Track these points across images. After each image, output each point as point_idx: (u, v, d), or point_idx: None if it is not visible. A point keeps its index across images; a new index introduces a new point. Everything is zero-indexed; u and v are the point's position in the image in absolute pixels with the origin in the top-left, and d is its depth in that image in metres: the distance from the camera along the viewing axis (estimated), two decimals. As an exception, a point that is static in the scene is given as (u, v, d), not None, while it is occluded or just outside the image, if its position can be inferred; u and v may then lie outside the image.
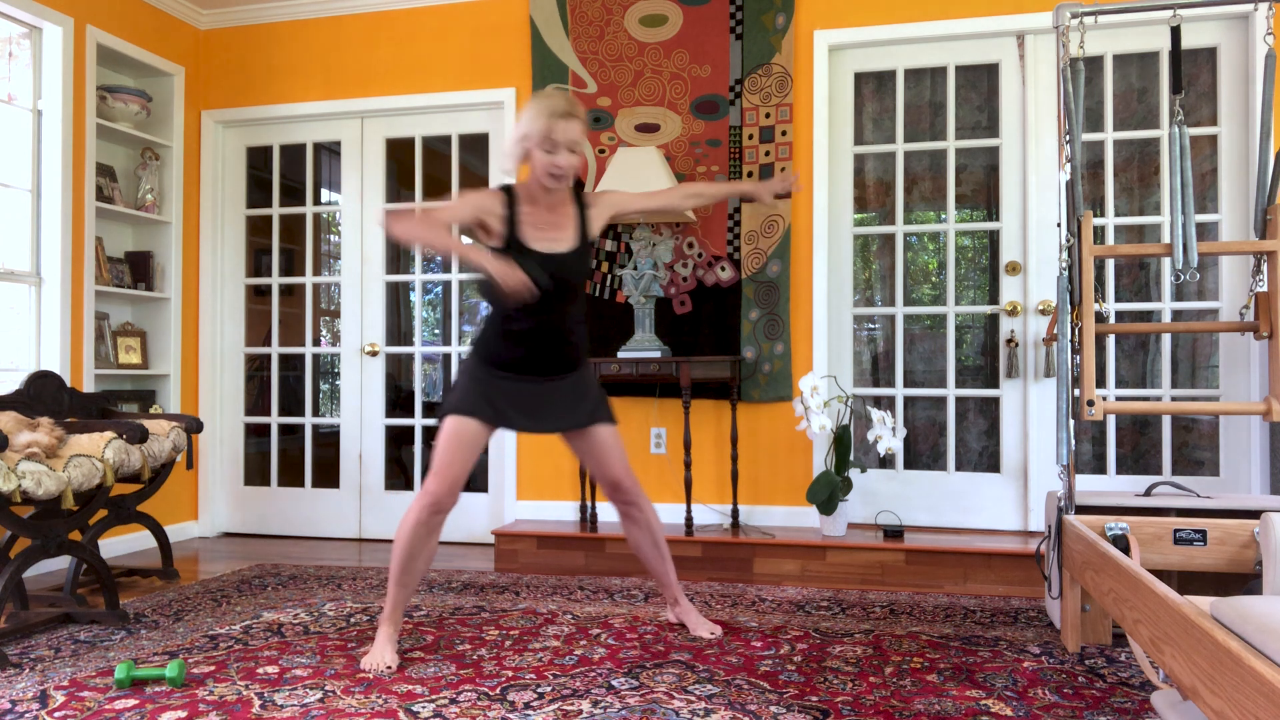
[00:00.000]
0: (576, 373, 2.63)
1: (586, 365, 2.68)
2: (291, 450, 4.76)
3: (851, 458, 3.73)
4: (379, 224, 2.37)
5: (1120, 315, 3.81)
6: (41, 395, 3.27)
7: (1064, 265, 2.67)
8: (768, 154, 3.99)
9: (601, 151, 4.17)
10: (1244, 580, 2.74)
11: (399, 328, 4.84)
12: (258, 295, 4.82)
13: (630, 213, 2.72)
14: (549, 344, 2.53)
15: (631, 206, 2.70)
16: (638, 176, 3.70)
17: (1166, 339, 3.73)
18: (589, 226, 2.59)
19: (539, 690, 2.27)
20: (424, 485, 2.47)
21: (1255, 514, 2.68)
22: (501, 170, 2.61)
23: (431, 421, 4.53)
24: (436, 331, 5.01)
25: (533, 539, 3.85)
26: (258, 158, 4.80)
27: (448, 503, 2.46)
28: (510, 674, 2.40)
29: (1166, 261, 3.76)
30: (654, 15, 4.11)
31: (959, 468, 3.95)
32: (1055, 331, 2.71)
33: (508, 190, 2.51)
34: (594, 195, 2.66)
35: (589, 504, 3.98)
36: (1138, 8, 2.71)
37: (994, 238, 3.92)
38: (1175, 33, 2.67)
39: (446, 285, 4.67)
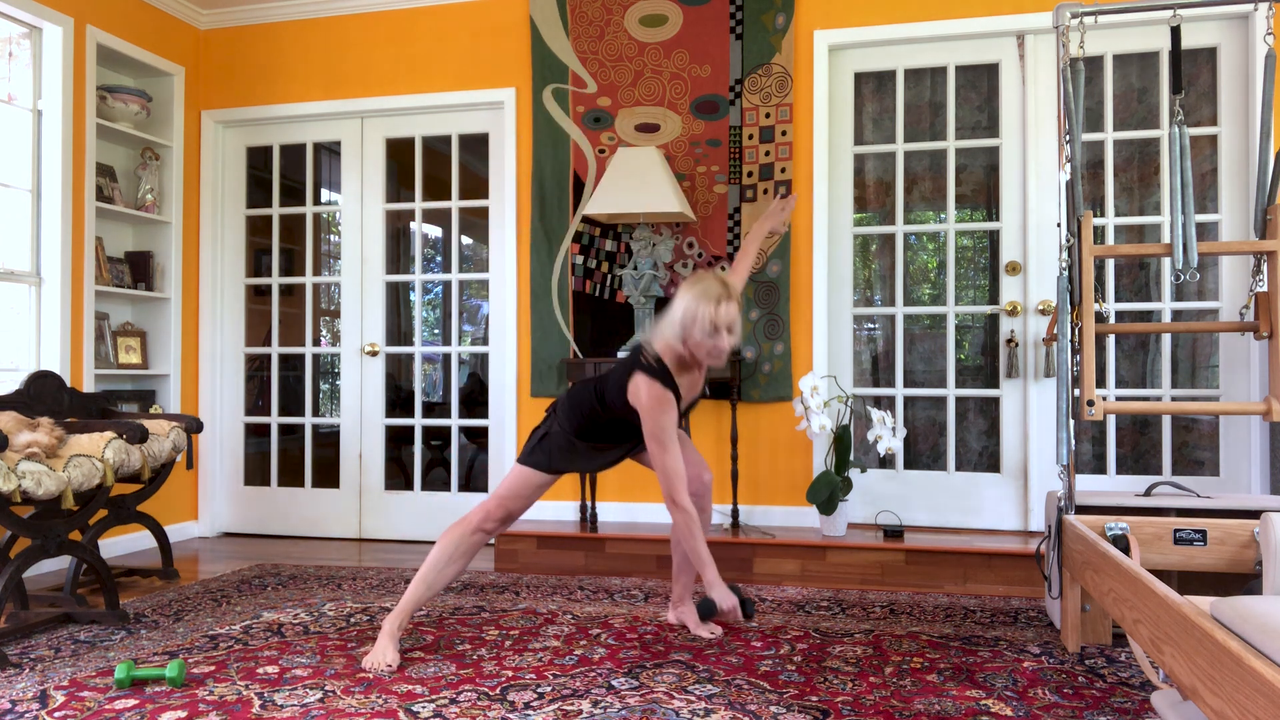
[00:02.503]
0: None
1: None
2: (291, 450, 4.76)
3: (851, 458, 3.73)
4: (674, 508, 2.57)
5: (1120, 315, 3.80)
6: (41, 395, 3.27)
7: (1064, 265, 2.67)
8: (768, 154, 3.99)
9: (601, 151, 4.17)
10: (1244, 580, 2.74)
11: (399, 328, 4.84)
12: (258, 295, 4.82)
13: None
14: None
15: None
16: (638, 176, 3.70)
17: (1166, 339, 3.73)
18: None
19: (539, 690, 2.27)
20: (484, 503, 2.65)
21: (1255, 514, 2.68)
22: (663, 341, 2.56)
23: (431, 422, 4.53)
24: (436, 331, 5.01)
25: (533, 539, 3.85)
26: (258, 158, 4.80)
27: (496, 528, 2.65)
28: (510, 674, 2.40)
29: (1166, 261, 3.76)
30: (654, 15, 4.11)
31: (959, 468, 3.95)
32: (1055, 331, 2.71)
33: (667, 378, 2.51)
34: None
35: (589, 504, 3.98)
36: (1138, 8, 2.71)
37: (994, 238, 3.92)
38: (1175, 33, 2.67)
39: (446, 285, 4.67)
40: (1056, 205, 3.79)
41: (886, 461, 4.00)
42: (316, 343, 4.76)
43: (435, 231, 5.11)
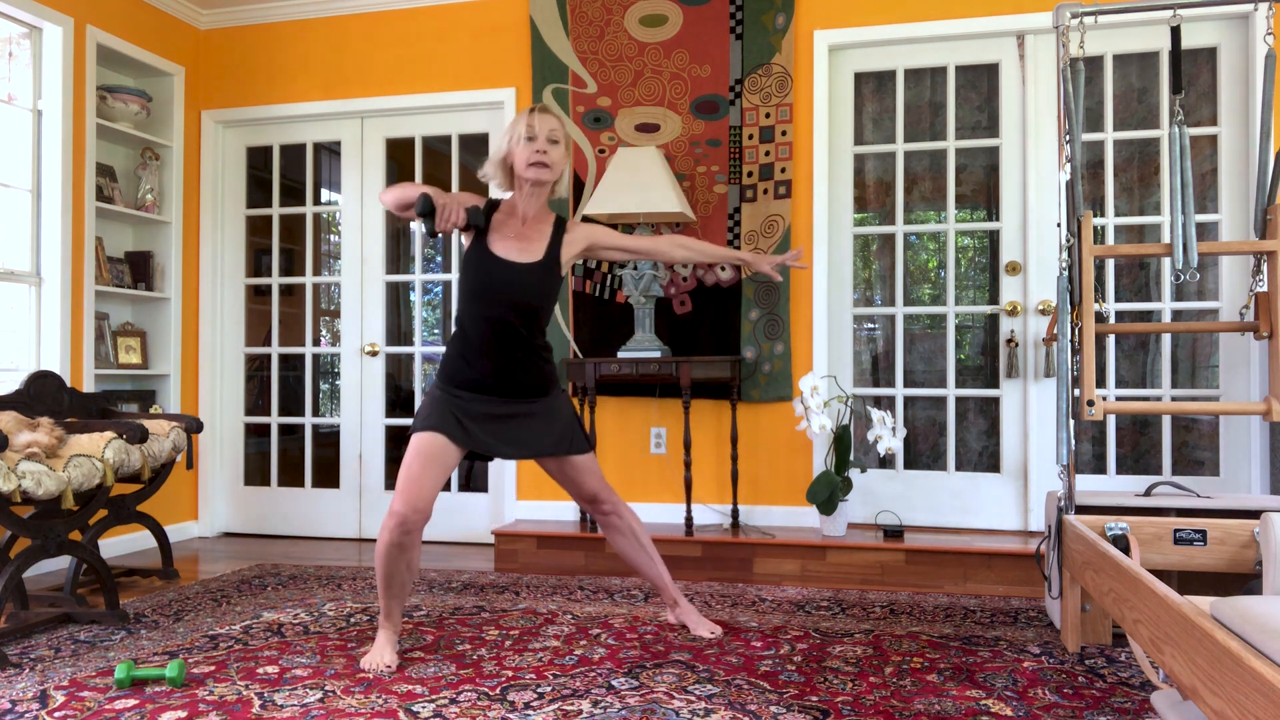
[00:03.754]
0: (546, 399, 2.61)
1: (559, 394, 2.66)
2: (291, 450, 4.76)
3: (851, 458, 3.73)
4: (381, 194, 2.46)
5: (1120, 315, 3.81)
6: (41, 395, 3.27)
7: (1064, 265, 2.67)
8: (768, 154, 3.99)
9: (601, 151, 4.17)
10: (1244, 580, 2.74)
11: (399, 328, 4.84)
12: (258, 295, 4.82)
13: (608, 248, 2.68)
14: (509, 361, 2.51)
15: (610, 243, 2.68)
16: (638, 176, 3.70)
17: (1166, 339, 3.73)
18: (560, 249, 2.58)
19: (539, 690, 2.27)
20: (390, 505, 2.43)
21: (1255, 514, 2.68)
22: (481, 176, 2.63)
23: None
24: (436, 331, 5.00)
25: (533, 539, 3.85)
26: (258, 158, 4.80)
27: (416, 520, 2.41)
28: (510, 674, 2.40)
29: (1166, 261, 3.76)
30: (654, 15, 4.11)
31: (959, 468, 3.95)
32: (1055, 331, 2.71)
33: (492, 200, 2.59)
34: (575, 224, 2.68)
35: (589, 504, 3.98)
36: (1138, 8, 2.71)
37: (994, 238, 3.92)
38: (1175, 33, 2.67)
39: (446, 285, 4.67)
40: (1056, 205, 3.79)
41: (886, 461, 4.00)
42: (316, 343, 4.76)
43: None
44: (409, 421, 4.54)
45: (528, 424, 2.57)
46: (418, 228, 4.65)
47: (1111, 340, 3.78)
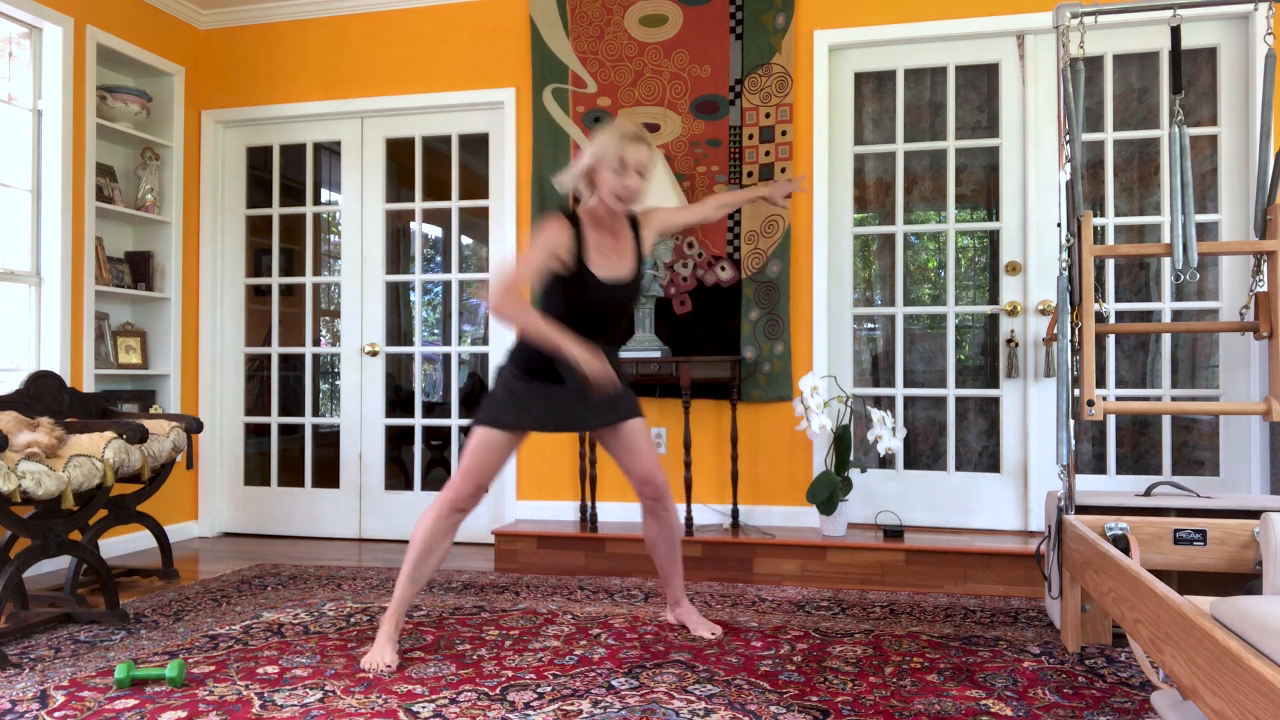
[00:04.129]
0: (615, 369, 2.68)
1: (620, 363, 2.74)
2: (291, 450, 4.76)
3: (851, 458, 3.73)
4: (489, 306, 2.40)
5: (1120, 315, 3.81)
6: (41, 395, 3.27)
7: (1064, 265, 2.67)
8: (768, 154, 3.99)
9: (601, 151, 4.17)
10: (1244, 580, 2.74)
11: (399, 328, 4.84)
12: (258, 295, 4.82)
13: (673, 228, 2.77)
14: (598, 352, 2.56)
15: (675, 222, 2.76)
16: (638, 176, 3.69)
17: (1166, 339, 3.73)
18: (643, 249, 2.65)
19: (539, 690, 2.27)
20: (450, 482, 2.53)
21: (1255, 514, 2.68)
22: (559, 186, 2.62)
23: (431, 422, 4.53)
24: (436, 331, 5.00)
25: (533, 539, 3.85)
26: (258, 158, 4.80)
27: (469, 504, 2.53)
28: (510, 674, 2.40)
29: (1166, 261, 3.76)
30: (654, 15, 4.11)
31: (959, 468, 3.95)
32: (1055, 331, 2.71)
33: (572, 218, 2.51)
34: (645, 216, 2.70)
35: (589, 504, 3.98)
36: (1138, 8, 2.71)
37: (994, 238, 3.92)
38: (1175, 33, 2.67)
39: (446, 285, 4.67)
40: (1056, 205, 3.79)
41: (886, 461, 4.00)
42: (316, 343, 4.76)
43: (435, 231, 5.11)
44: (409, 421, 4.54)
45: (595, 397, 2.61)
46: (417, 226, 4.65)
47: (1111, 340, 3.78)
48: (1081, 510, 2.74)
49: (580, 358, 2.34)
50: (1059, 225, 2.80)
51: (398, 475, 4.72)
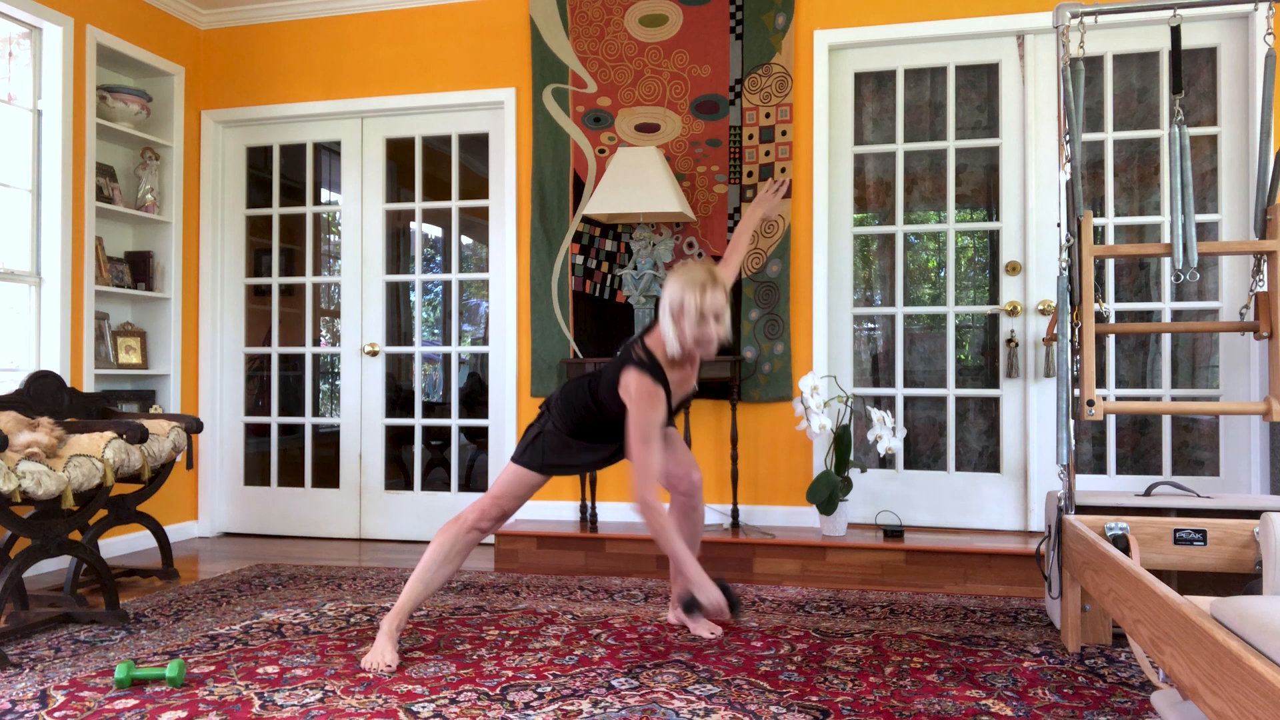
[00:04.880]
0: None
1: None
2: (291, 450, 4.76)
3: (851, 458, 3.73)
4: (636, 504, 2.49)
5: (1120, 315, 3.80)
6: (41, 395, 3.27)
7: (1064, 265, 2.67)
8: (768, 154, 3.99)
9: (601, 151, 4.17)
10: (1244, 580, 2.74)
11: (399, 328, 4.84)
12: (258, 295, 4.82)
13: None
14: None
15: (730, 285, 2.78)
16: (638, 176, 3.70)
17: (1166, 339, 3.73)
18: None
19: (539, 690, 2.27)
20: (478, 501, 2.64)
21: (1255, 514, 2.68)
22: (654, 336, 2.63)
23: (431, 421, 4.53)
24: (436, 331, 5.01)
25: (533, 539, 3.85)
26: (258, 158, 4.80)
27: (491, 526, 2.65)
28: (510, 674, 2.40)
29: (1166, 261, 3.76)
30: (654, 15, 4.11)
31: (959, 468, 3.95)
32: (1055, 331, 2.71)
33: (657, 372, 2.53)
34: None
35: (589, 504, 3.98)
36: (1138, 8, 2.71)
37: (994, 238, 3.92)
38: (1175, 33, 2.67)
39: (446, 285, 4.67)
40: (1056, 205, 3.79)
41: (886, 461, 4.00)
42: (316, 343, 4.76)
43: (435, 231, 5.11)
44: (409, 421, 4.54)
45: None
46: (417, 226, 4.65)
47: (1111, 340, 3.78)
48: (1081, 510, 2.74)
49: (704, 591, 2.43)
50: (1059, 225, 2.80)
51: (398, 475, 4.72)
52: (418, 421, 4.53)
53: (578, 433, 2.64)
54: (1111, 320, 3.78)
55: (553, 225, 4.22)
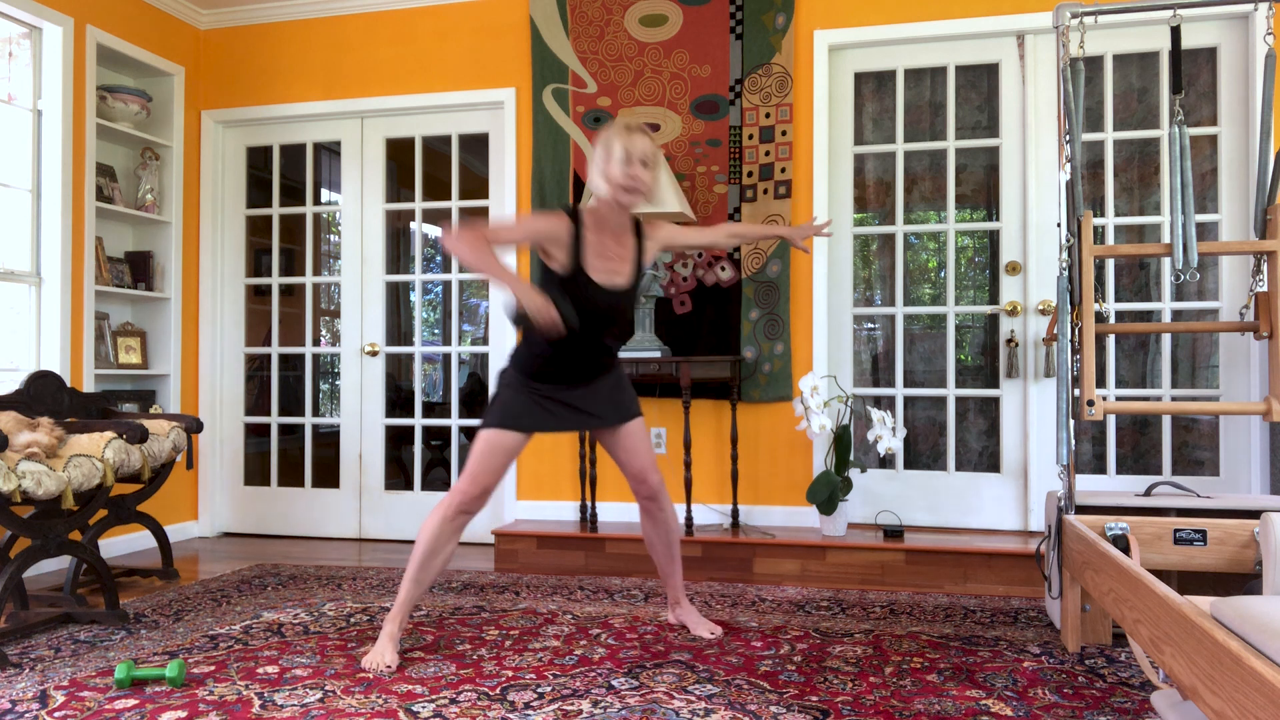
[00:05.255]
0: (612, 373, 2.69)
1: (619, 364, 2.74)
2: (291, 450, 4.76)
3: (851, 458, 3.73)
4: (443, 236, 2.41)
5: (1120, 315, 3.80)
6: (41, 395, 3.27)
7: (1064, 265, 2.67)
8: (768, 154, 3.99)
9: (601, 151, 4.17)
10: (1244, 580, 2.74)
11: (399, 328, 4.84)
12: (258, 295, 4.82)
13: (678, 245, 2.76)
14: (587, 361, 2.59)
15: (681, 241, 2.75)
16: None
17: (1166, 339, 3.73)
18: (644, 259, 2.65)
19: (539, 690, 2.27)
20: (456, 485, 2.53)
21: (1255, 514, 2.68)
22: (593, 190, 2.58)
23: (431, 421, 4.53)
24: (436, 331, 5.01)
25: (533, 539, 3.85)
26: (258, 158, 4.80)
27: (475, 506, 2.53)
28: (510, 674, 2.40)
29: (1166, 261, 3.76)
30: (654, 15, 4.11)
31: (959, 468, 3.95)
32: (1055, 331, 2.71)
33: (574, 216, 2.50)
34: (651, 226, 2.69)
35: (589, 504, 3.98)
36: (1138, 8, 2.71)
37: (994, 238, 3.92)
38: (1175, 33, 2.67)
39: (446, 285, 4.67)
40: (1056, 205, 3.79)
41: (886, 461, 4.00)
42: (316, 343, 4.76)
43: (435, 231, 5.11)
44: (409, 421, 4.54)
45: (598, 397, 2.63)
46: (417, 226, 4.65)
47: (1111, 340, 3.78)
48: (1081, 510, 2.74)
49: (529, 303, 2.27)
50: (1059, 225, 2.80)
51: (398, 475, 4.72)
52: (418, 421, 4.53)
53: (539, 374, 2.55)
54: (1111, 320, 3.78)
55: (553, 225, 4.21)
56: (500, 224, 2.38)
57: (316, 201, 4.81)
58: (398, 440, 4.68)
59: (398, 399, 4.73)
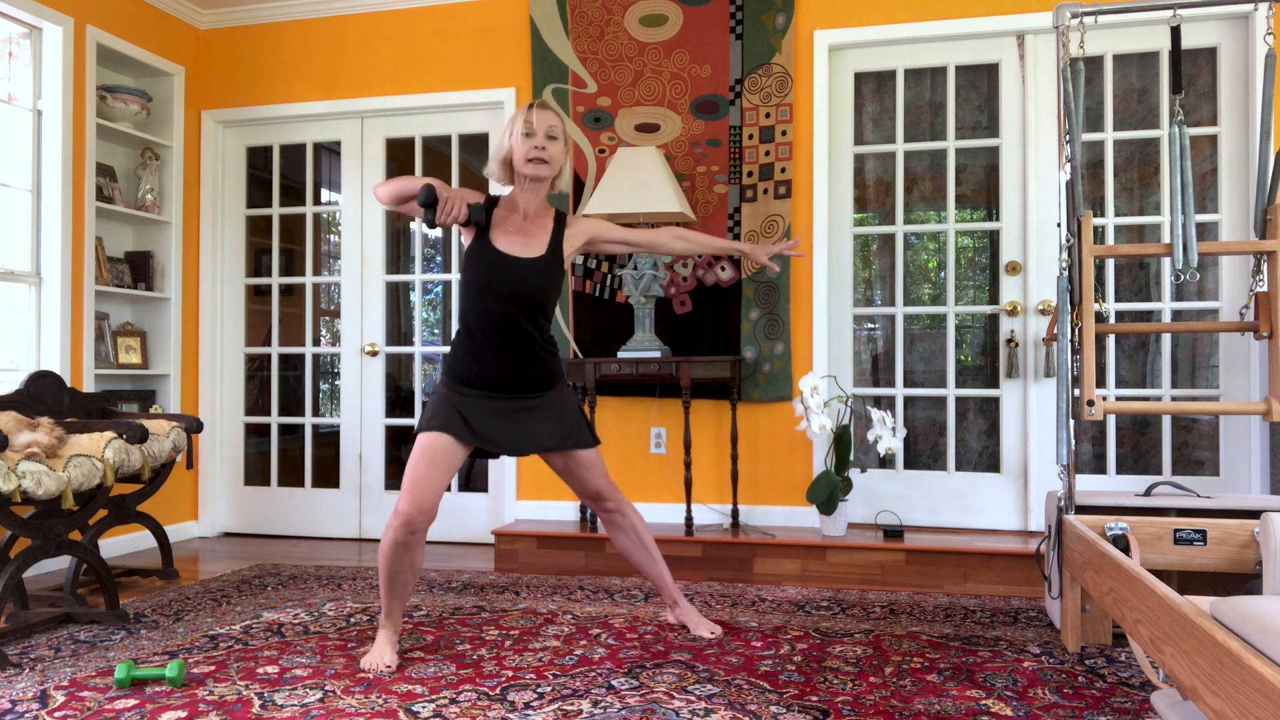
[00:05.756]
0: (551, 393, 2.61)
1: (564, 388, 2.66)
2: (291, 450, 4.76)
3: (851, 458, 3.73)
4: (375, 188, 2.58)
5: (1120, 315, 3.80)
6: (41, 395, 3.27)
7: (1064, 265, 2.67)
8: (768, 154, 3.99)
9: (601, 151, 4.17)
10: (1244, 580, 2.74)
11: (399, 328, 4.84)
12: (258, 295, 4.82)
13: (608, 242, 2.72)
14: (515, 357, 2.52)
15: (611, 236, 2.71)
16: (638, 176, 3.70)
17: (1166, 339, 3.73)
18: (563, 244, 2.61)
19: (539, 690, 2.27)
20: (396, 505, 2.41)
21: (1255, 514, 2.68)
22: (488, 175, 2.67)
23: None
24: (436, 331, 5.00)
25: (533, 539, 3.85)
26: (258, 158, 4.80)
27: (421, 521, 2.40)
28: (510, 674, 2.40)
29: (1166, 261, 3.76)
30: (654, 15, 4.11)
31: (959, 468, 3.95)
32: (1055, 331, 2.71)
33: (493, 197, 2.62)
34: (575, 218, 2.70)
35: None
36: (1138, 8, 2.71)
37: (994, 238, 3.92)
38: (1175, 33, 2.67)
39: (446, 285, 4.67)
40: (1056, 205, 3.79)
41: (886, 461, 4.00)
42: (316, 343, 4.76)
43: (435, 231, 5.11)
44: (409, 421, 4.54)
45: (535, 418, 2.57)
46: (418, 226, 4.65)
47: (1111, 340, 3.78)
48: (1081, 510, 2.74)
49: (443, 187, 2.41)
50: (1059, 225, 2.80)
51: (398, 475, 4.72)
52: (418, 421, 4.52)
53: (466, 375, 2.49)
54: (1111, 320, 3.78)
55: (553, 225, 4.21)
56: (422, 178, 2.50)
57: (316, 201, 4.81)
58: (398, 440, 4.68)
59: (398, 399, 4.73)
